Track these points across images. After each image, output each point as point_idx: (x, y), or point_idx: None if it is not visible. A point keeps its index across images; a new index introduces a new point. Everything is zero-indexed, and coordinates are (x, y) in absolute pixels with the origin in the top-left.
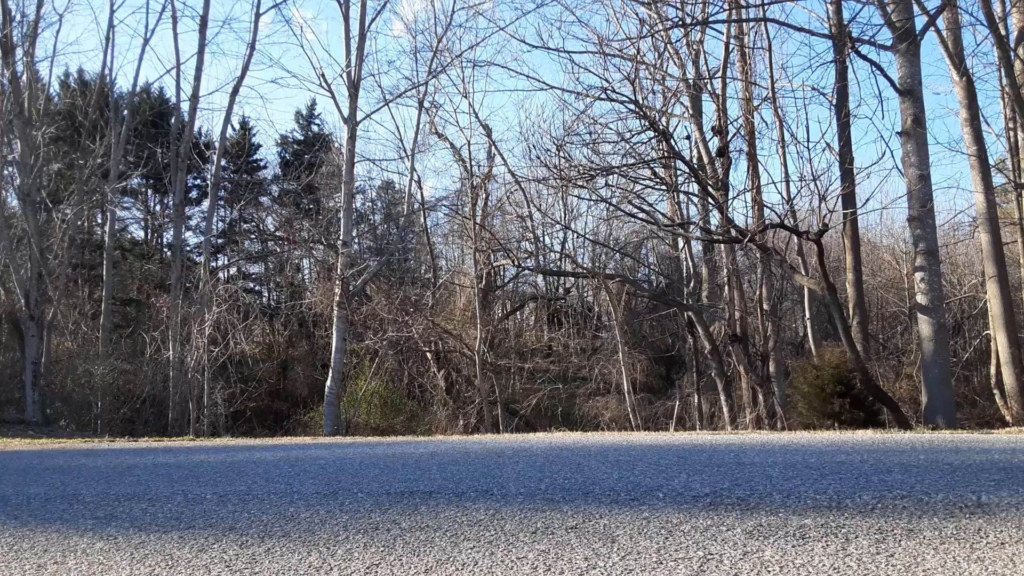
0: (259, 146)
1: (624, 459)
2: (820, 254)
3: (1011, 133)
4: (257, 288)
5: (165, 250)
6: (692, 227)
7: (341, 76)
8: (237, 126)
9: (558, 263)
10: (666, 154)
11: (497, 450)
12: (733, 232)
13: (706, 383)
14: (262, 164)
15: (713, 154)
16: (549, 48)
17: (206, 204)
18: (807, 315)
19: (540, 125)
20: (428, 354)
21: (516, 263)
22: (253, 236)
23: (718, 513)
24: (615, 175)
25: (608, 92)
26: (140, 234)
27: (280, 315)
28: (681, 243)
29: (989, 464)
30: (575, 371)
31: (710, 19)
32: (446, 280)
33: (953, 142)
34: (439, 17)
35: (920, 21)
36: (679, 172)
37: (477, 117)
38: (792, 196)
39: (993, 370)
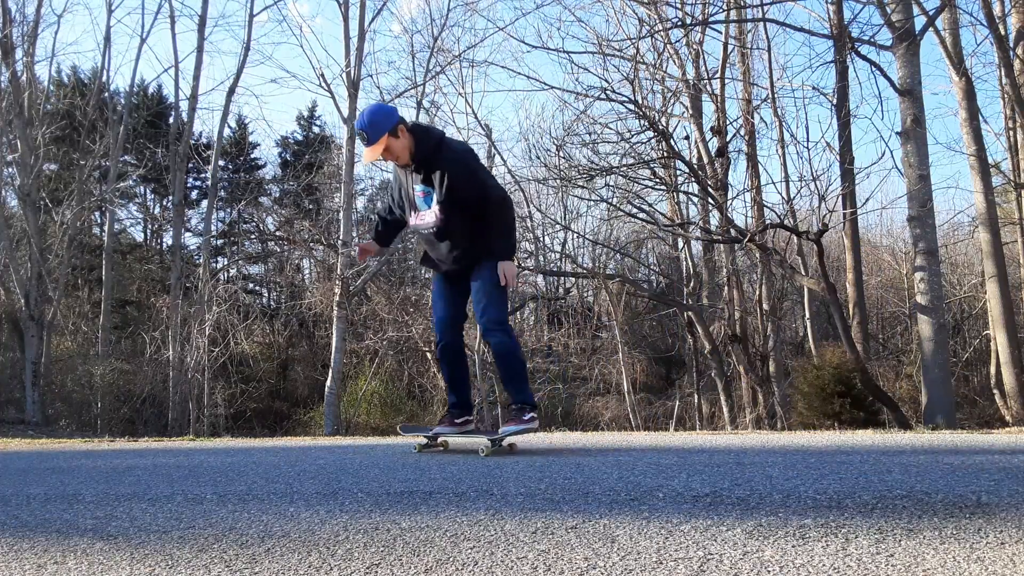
0: (257, 145)
1: (624, 459)
2: (820, 254)
3: (1011, 133)
4: (257, 288)
5: (166, 254)
6: (692, 227)
7: (341, 76)
8: (235, 125)
9: (558, 263)
10: (666, 154)
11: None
12: (733, 232)
13: (706, 383)
14: (261, 164)
15: (712, 154)
16: (549, 48)
17: (205, 204)
18: (807, 315)
19: (540, 125)
20: (428, 354)
21: (516, 263)
22: (253, 236)
23: (718, 513)
24: (615, 175)
25: (608, 92)
26: (139, 236)
27: (280, 315)
28: (681, 243)
29: (989, 464)
30: (575, 371)
31: (710, 19)
32: None
33: (953, 142)
34: (435, 17)
35: (920, 21)
36: (679, 172)
37: (476, 117)
38: (792, 196)
39: (993, 370)
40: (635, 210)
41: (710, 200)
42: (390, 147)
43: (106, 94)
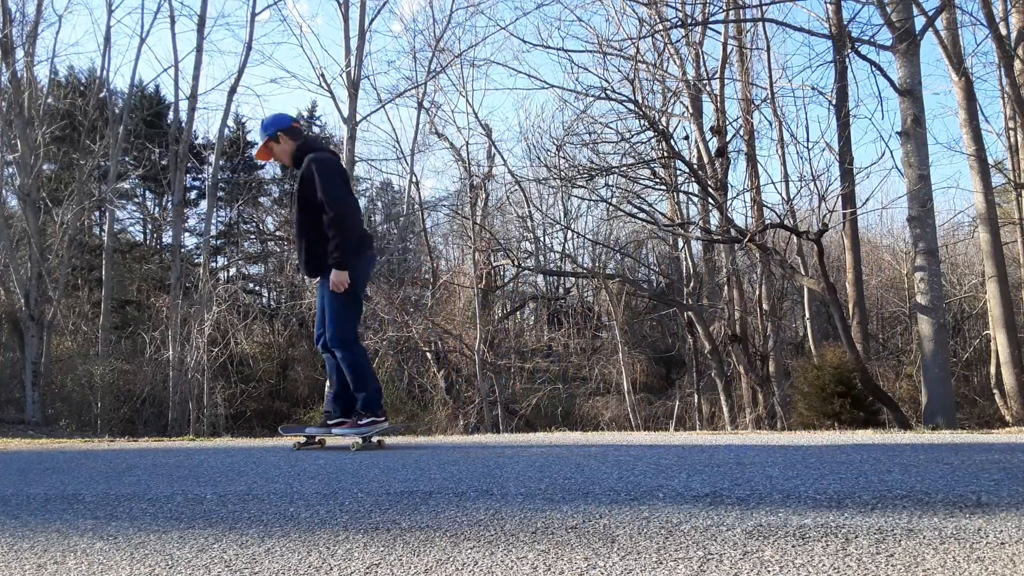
0: (255, 144)
1: (624, 459)
2: (820, 254)
3: (1011, 133)
4: (257, 288)
5: (165, 254)
6: (692, 227)
7: (340, 76)
8: (232, 125)
9: (558, 263)
10: (666, 154)
11: (497, 450)
12: (733, 232)
13: (706, 383)
14: (260, 164)
15: (712, 154)
16: (549, 47)
17: (205, 204)
18: (807, 315)
19: (540, 125)
20: (428, 354)
21: (516, 263)
22: (253, 236)
23: (718, 513)
24: (615, 175)
25: (608, 92)
26: (139, 235)
27: (280, 315)
28: (681, 243)
29: (989, 464)
30: (575, 371)
31: (710, 19)
32: (446, 280)
33: (953, 142)
34: (437, 17)
35: (920, 21)
36: (679, 172)
37: (477, 117)
38: (792, 196)
39: (993, 370)
40: (635, 210)
41: (710, 200)
42: (271, 149)
43: (104, 93)
